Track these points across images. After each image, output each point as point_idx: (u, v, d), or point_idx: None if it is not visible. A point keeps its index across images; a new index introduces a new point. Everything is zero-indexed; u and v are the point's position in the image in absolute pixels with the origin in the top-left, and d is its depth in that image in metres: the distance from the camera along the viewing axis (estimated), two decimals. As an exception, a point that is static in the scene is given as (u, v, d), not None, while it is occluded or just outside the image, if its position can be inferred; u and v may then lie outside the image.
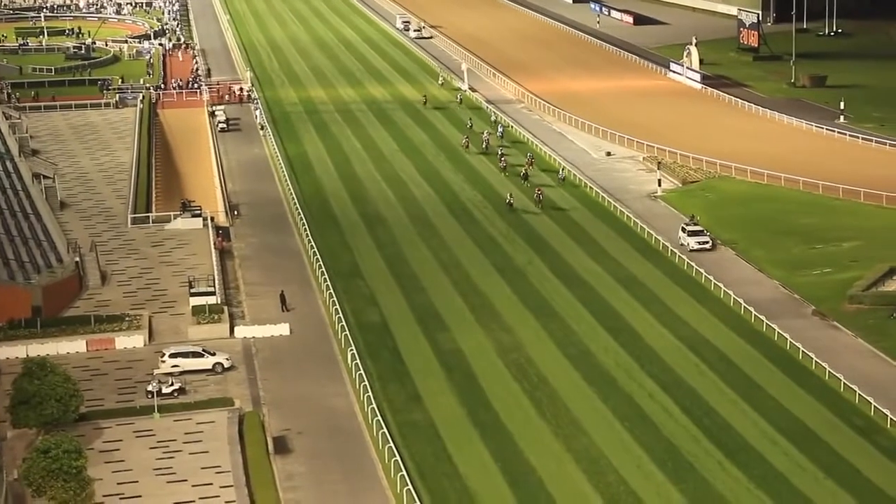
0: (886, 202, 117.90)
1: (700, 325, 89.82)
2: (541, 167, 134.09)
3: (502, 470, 68.98)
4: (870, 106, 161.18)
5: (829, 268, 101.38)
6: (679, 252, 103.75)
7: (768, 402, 76.95)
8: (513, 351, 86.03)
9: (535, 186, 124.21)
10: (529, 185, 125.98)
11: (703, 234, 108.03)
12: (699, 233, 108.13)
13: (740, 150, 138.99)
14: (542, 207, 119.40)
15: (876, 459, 69.37)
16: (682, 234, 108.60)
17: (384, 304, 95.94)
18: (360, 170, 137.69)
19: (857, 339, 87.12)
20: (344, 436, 73.70)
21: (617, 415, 75.61)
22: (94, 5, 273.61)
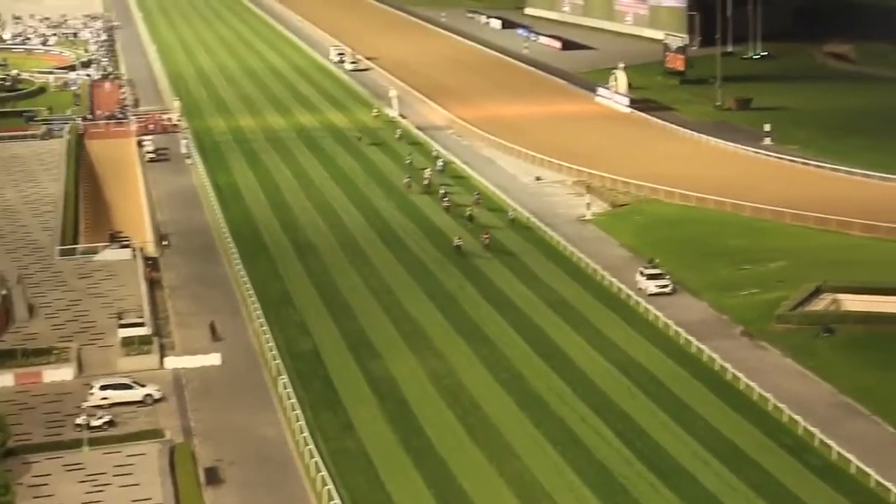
0: (812, 223, 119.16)
1: (631, 348, 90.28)
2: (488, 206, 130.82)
3: (436, 496, 68.87)
4: (795, 127, 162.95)
5: (756, 288, 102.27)
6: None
7: (699, 423, 77.42)
8: (445, 377, 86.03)
9: (482, 229, 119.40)
10: (475, 227, 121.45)
11: (662, 276, 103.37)
12: (658, 276, 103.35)
13: (668, 172, 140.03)
14: (491, 250, 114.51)
15: (805, 478, 69.93)
16: (639, 277, 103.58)
17: (315, 331, 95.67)
18: (290, 198, 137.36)
19: (784, 358, 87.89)
20: (276, 465, 73.30)
21: (549, 439, 75.75)
22: (20, 36, 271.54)
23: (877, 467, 69.28)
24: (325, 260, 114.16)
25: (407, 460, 73.58)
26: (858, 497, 67.34)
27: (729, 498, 67.82)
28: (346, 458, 73.97)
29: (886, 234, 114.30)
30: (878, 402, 79.04)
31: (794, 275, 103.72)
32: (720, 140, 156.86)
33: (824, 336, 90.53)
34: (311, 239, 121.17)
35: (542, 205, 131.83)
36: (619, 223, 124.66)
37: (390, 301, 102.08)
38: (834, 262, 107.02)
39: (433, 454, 74.27)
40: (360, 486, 70.40)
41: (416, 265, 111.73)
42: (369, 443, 76.01)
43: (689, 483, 69.64)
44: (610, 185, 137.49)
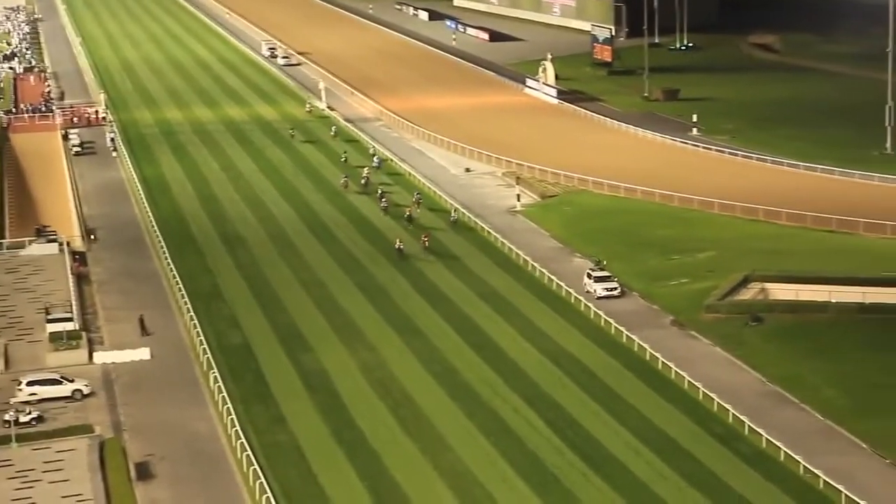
0: (740, 212, 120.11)
1: (562, 338, 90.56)
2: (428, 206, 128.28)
3: (369, 489, 68.75)
4: (721, 118, 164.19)
5: (685, 278, 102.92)
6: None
7: (630, 412, 77.79)
8: (377, 369, 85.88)
9: (422, 231, 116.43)
10: (414, 228, 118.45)
11: (611, 279, 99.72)
12: (606, 278, 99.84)
13: (597, 163, 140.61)
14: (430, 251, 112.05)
15: (735, 466, 70.45)
16: (587, 280, 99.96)
17: (246, 325, 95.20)
18: (218, 191, 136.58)
19: (714, 347, 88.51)
20: (207, 460, 72.87)
21: (482, 430, 75.81)
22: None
23: (805, 454, 69.94)
24: (255, 253, 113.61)
25: (339, 453, 73.38)
26: (788, 484, 67.94)
27: (660, 486, 68.19)
28: (278, 451, 73.66)
29: (813, 224, 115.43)
30: (807, 390, 79.81)
31: (723, 264, 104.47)
32: (648, 131, 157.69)
33: (753, 325, 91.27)
34: (240, 232, 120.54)
35: (473, 196, 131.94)
36: (549, 214, 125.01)
37: (321, 294, 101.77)
38: (762, 251, 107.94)
39: (365, 447, 74.13)
40: (293, 479, 70.13)
41: (347, 258, 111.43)
42: (301, 436, 75.74)
43: (621, 472, 69.96)
44: (539, 177, 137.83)
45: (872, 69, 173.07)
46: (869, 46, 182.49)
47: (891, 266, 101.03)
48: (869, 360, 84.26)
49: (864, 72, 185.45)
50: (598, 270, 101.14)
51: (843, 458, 70.51)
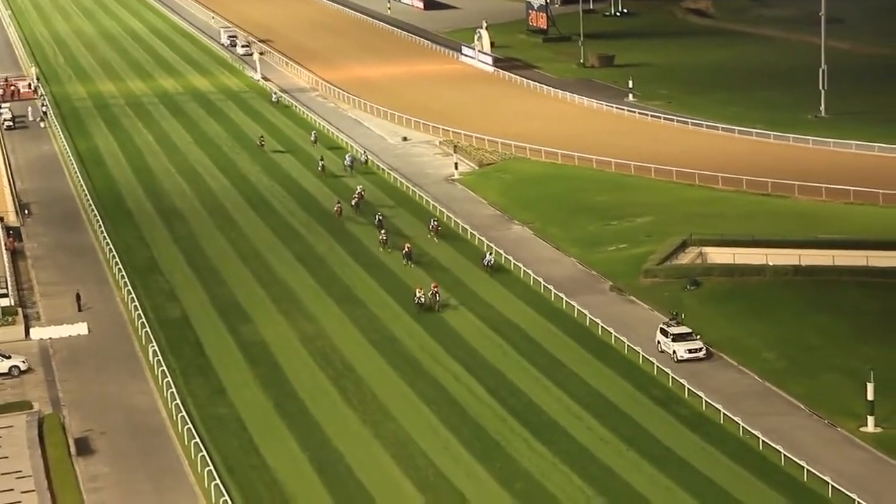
0: (676, 177, 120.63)
1: (502, 306, 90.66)
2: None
3: (311, 459, 68.63)
4: (657, 84, 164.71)
5: (623, 243, 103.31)
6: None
7: (571, 378, 78.06)
8: (317, 339, 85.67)
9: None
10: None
11: (693, 337, 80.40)
12: (686, 336, 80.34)
13: (534, 130, 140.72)
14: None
15: (675, 429, 70.90)
16: (661, 338, 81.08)
17: (184, 298, 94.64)
18: (153, 163, 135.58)
19: (653, 312, 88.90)
20: (148, 433, 72.47)
21: (423, 398, 75.84)
22: None
23: (744, 416, 70.50)
24: (192, 225, 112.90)
25: (281, 424, 73.19)
26: (727, 445, 68.44)
27: (601, 451, 68.51)
28: (219, 423, 73.38)
29: (749, 187, 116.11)
30: (745, 352, 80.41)
31: (660, 229, 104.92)
32: (584, 97, 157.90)
33: (691, 289, 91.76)
34: (176, 204, 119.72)
35: (410, 165, 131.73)
36: (487, 182, 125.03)
37: (259, 265, 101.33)
38: (699, 215, 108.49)
39: (307, 417, 73.98)
40: (234, 451, 69.88)
41: (284, 229, 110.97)
42: (242, 408, 75.47)
43: (562, 437, 70.23)
44: (476, 145, 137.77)
45: (806, 33, 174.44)
46: (802, 10, 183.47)
47: (825, 228, 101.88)
48: (805, 321, 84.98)
49: (797, 35, 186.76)
50: (675, 325, 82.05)
51: (782, 419, 71.15)
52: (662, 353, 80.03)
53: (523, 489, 64.39)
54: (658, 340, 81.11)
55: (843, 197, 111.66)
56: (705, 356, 79.44)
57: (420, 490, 64.72)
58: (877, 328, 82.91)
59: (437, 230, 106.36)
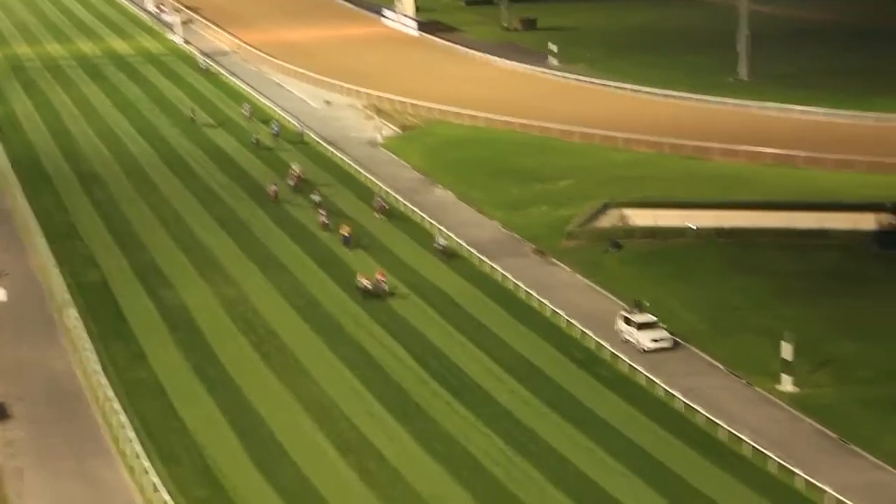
0: (599, 140, 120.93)
1: (424, 269, 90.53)
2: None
3: (231, 423, 68.16)
4: (580, 47, 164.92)
5: (546, 206, 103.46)
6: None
7: (493, 341, 78.11)
8: (239, 304, 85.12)
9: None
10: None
11: (657, 326, 76.40)
12: (652, 325, 76.31)
13: (457, 94, 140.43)
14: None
15: (597, 390, 71.19)
16: (623, 326, 77.05)
17: (104, 263, 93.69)
18: (72, 127, 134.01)
19: (574, 274, 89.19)
20: (66, 398, 71.71)
21: (346, 363, 75.57)
22: None
23: (665, 377, 70.94)
24: (112, 190, 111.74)
25: (201, 388, 72.67)
26: (648, 406, 68.82)
27: (523, 413, 68.63)
28: (138, 387, 72.72)
29: (670, 150, 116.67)
30: (665, 314, 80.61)
31: (583, 192, 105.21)
32: (507, 60, 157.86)
33: (612, 251, 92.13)
34: (95, 169, 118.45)
35: (333, 129, 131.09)
36: (410, 145, 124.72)
37: (180, 230, 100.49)
38: (620, 178, 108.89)
39: (228, 381, 73.49)
40: (154, 415, 69.28)
41: (206, 194, 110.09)
42: (162, 372, 74.86)
43: (485, 400, 70.28)
44: (399, 108, 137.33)
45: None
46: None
47: (745, 190, 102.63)
48: (726, 283, 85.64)
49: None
50: (638, 313, 77.75)
51: (702, 380, 71.65)
52: (626, 342, 75.88)
53: (445, 450, 64.41)
54: (620, 329, 76.89)
55: (763, 159, 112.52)
56: (671, 347, 75.35)
57: (342, 453, 64.58)
58: (796, 289, 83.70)
59: (385, 210, 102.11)
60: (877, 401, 68.16)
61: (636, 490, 60.21)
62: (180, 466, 63.53)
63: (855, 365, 72.54)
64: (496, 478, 61.56)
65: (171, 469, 63.00)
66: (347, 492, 60.67)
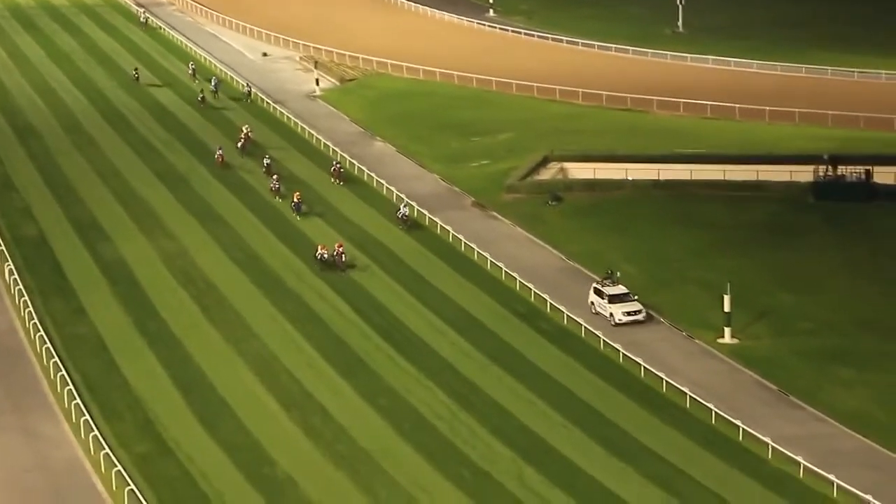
0: (537, 93, 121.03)
1: (364, 222, 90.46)
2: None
3: (173, 378, 68.00)
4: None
5: (486, 159, 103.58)
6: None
7: (434, 294, 78.26)
8: (178, 258, 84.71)
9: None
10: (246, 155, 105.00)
11: (631, 297, 73.57)
12: (624, 297, 73.44)
13: (395, 46, 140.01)
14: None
15: (538, 343, 71.53)
16: (596, 298, 74.22)
17: (41, 216, 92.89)
18: (6, 79, 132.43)
19: (515, 227, 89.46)
20: (6, 354, 71.19)
21: (287, 316, 75.48)
22: None
23: (605, 330, 71.41)
24: (48, 143, 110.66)
25: (142, 343, 72.39)
26: (589, 359, 69.23)
27: (464, 366, 68.86)
28: (78, 343, 72.36)
29: (609, 103, 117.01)
30: (605, 266, 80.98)
31: (522, 145, 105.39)
32: (445, 13, 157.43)
33: (552, 204, 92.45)
34: (31, 121, 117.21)
35: (271, 81, 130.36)
36: (349, 98, 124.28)
37: (118, 184, 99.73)
38: (560, 131, 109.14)
39: (169, 335, 73.24)
40: (95, 370, 68.98)
41: (143, 146, 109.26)
42: (102, 327, 74.47)
43: (427, 354, 70.46)
44: (337, 60, 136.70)
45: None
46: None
47: (683, 143, 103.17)
48: (664, 235, 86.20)
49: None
50: (610, 285, 74.89)
51: (642, 332, 72.09)
52: (597, 314, 73.52)
53: (388, 405, 64.58)
54: (592, 301, 74.20)
55: (701, 112, 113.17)
56: (644, 319, 73.03)
57: (284, 407, 64.60)
58: (733, 241, 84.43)
59: (340, 173, 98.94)
60: (815, 352, 69.01)
61: (578, 442, 60.68)
62: (122, 422, 63.35)
63: (793, 317, 73.39)
64: (440, 431, 61.84)
65: (113, 424, 62.84)
66: (292, 446, 60.73)
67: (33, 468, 58.89)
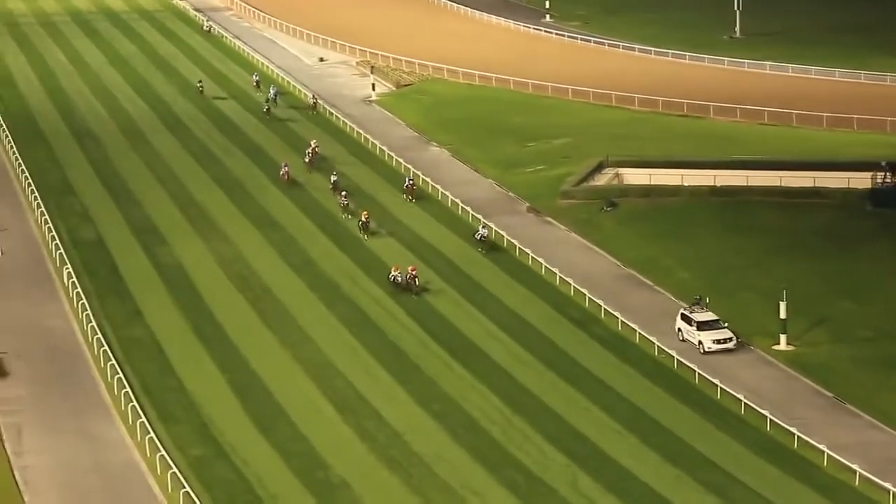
0: (593, 99, 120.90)
1: (420, 227, 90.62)
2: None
3: (229, 382, 68.39)
4: (574, 4, 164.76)
5: (541, 165, 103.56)
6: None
7: (489, 300, 78.25)
8: (234, 262, 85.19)
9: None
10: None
11: (720, 324, 70.27)
12: (713, 324, 70.08)
13: (452, 51, 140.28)
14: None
15: (592, 349, 71.45)
16: (683, 324, 71.01)
17: (99, 220, 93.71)
18: (66, 84, 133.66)
19: (570, 233, 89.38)
20: (64, 356, 71.85)
21: (343, 321, 75.71)
22: None
23: (659, 336, 71.14)
24: (107, 147, 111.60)
25: (199, 346, 72.86)
26: (643, 365, 69.08)
27: (519, 372, 68.89)
28: (135, 346, 72.89)
29: (665, 108, 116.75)
30: (660, 273, 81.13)
31: (578, 151, 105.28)
32: (501, 18, 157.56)
33: (608, 210, 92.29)
34: (90, 126, 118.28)
35: (327, 86, 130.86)
36: (404, 103, 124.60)
37: (176, 188, 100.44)
38: (615, 136, 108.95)
39: (225, 339, 73.65)
40: (152, 373, 69.49)
41: (201, 152, 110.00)
42: (159, 330, 75.00)
43: (482, 359, 70.47)
44: (394, 66, 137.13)
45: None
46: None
47: (740, 149, 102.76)
48: (720, 241, 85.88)
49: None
50: (699, 311, 71.50)
51: (697, 339, 71.83)
52: (684, 342, 70.17)
53: (442, 410, 64.68)
54: (678, 328, 70.91)
55: (758, 118, 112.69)
56: (735, 347, 69.77)
57: (339, 412, 64.83)
58: (790, 248, 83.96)
59: (413, 190, 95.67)
60: (871, 360, 68.56)
61: (632, 448, 60.57)
62: (178, 425, 63.76)
63: (850, 324, 72.94)
64: (493, 437, 61.86)
65: (169, 427, 63.24)
66: (346, 451, 60.91)
67: (90, 470, 59.38)
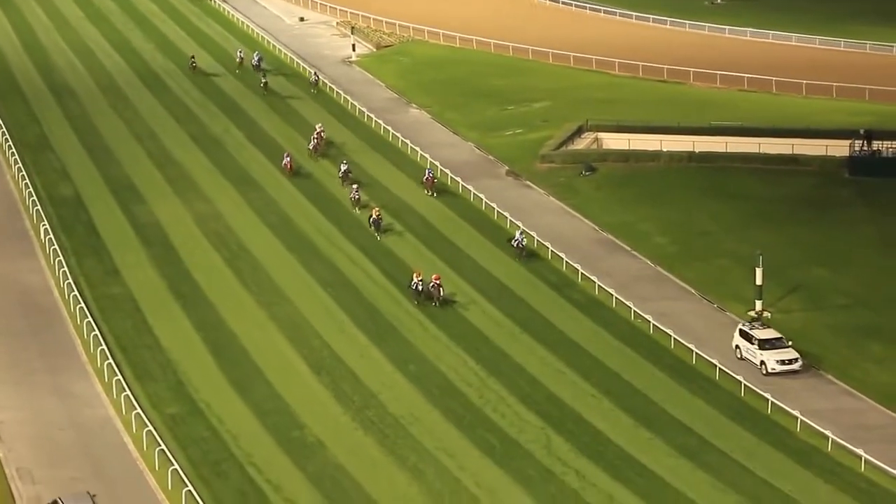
0: (573, 63, 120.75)
1: (398, 189, 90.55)
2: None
3: (205, 340, 68.40)
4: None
5: (521, 128, 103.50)
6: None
7: (466, 261, 78.36)
8: (212, 221, 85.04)
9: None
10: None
11: (784, 343, 64.49)
12: (776, 342, 64.35)
13: (432, 13, 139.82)
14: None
15: (568, 312, 71.63)
16: (742, 342, 65.40)
17: (76, 177, 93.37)
18: (44, 39, 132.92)
19: (548, 197, 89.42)
20: (40, 313, 71.71)
21: (319, 281, 75.75)
22: None
23: (636, 300, 71.39)
24: (85, 103, 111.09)
25: (175, 304, 72.80)
26: (619, 328, 69.35)
27: (494, 333, 69.02)
28: (112, 303, 72.79)
29: (645, 73, 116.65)
30: (637, 237, 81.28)
31: (557, 114, 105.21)
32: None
33: (586, 174, 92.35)
34: (68, 82, 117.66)
35: (307, 46, 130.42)
36: (385, 65, 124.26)
37: (154, 145, 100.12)
38: (595, 101, 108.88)
39: (201, 298, 73.60)
40: (128, 330, 69.43)
41: (179, 108, 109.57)
42: (136, 288, 74.90)
43: (457, 320, 70.62)
44: (374, 27, 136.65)
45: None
46: None
47: (719, 115, 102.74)
48: (698, 207, 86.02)
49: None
50: (759, 328, 66.04)
51: (672, 303, 72.17)
52: (743, 360, 64.91)
53: (418, 371, 64.85)
54: (737, 345, 65.68)
55: (737, 84, 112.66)
56: (800, 368, 63.90)
57: (315, 371, 64.95)
58: (767, 214, 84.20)
59: (433, 183, 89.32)
60: (846, 327, 68.90)
61: (606, 411, 60.83)
62: (154, 382, 63.79)
63: (825, 291, 73.27)
64: (469, 399, 62.06)
65: (144, 385, 63.29)
66: (321, 411, 61.03)
67: (66, 426, 59.41)
